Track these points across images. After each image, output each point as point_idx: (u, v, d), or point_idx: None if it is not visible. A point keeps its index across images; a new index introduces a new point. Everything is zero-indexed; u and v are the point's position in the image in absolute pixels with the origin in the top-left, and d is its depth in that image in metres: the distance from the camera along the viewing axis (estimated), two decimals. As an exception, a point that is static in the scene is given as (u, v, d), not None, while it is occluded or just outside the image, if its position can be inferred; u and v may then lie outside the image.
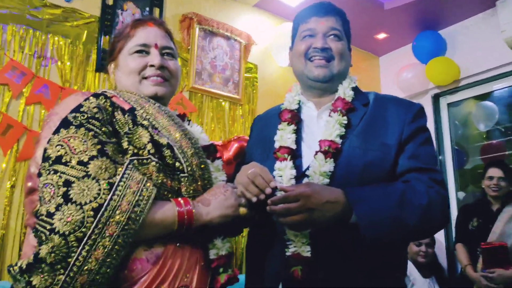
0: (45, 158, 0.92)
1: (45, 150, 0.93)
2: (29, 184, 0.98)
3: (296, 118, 1.31)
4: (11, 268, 0.86)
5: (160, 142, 1.02)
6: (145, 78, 1.16)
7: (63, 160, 0.90)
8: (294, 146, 1.23)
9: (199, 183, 1.07)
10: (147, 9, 2.89)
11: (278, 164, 1.20)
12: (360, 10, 3.53)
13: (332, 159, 1.16)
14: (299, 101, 1.37)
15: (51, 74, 2.48)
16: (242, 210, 1.07)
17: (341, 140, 1.19)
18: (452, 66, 3.67)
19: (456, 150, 4.09)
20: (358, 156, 1.17)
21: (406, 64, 3.95)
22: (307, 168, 1.18)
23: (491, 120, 4.26)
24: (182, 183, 1.03)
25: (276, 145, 1.25)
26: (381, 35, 4.02)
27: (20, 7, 2.42)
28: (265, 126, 1.39)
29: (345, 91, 1.30)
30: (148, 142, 1.00)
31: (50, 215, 0.85)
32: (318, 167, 1.15)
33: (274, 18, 3.65)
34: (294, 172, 1.17)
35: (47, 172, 0.90)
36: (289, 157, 1.20)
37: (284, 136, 1.25)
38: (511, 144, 4.01)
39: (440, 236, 3.66)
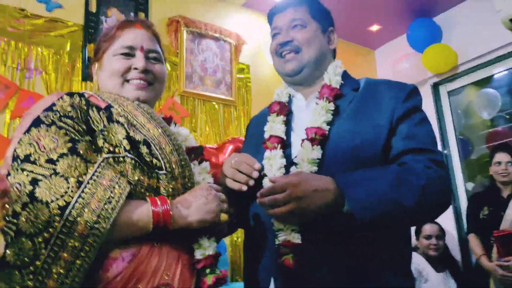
0: (14, 158, 0.89)
1: (15, 150, 0.90)
2: (2, 187, 0.91)
3: (285, 109, 1.28)
4: None
5: (136, 138, 0.99)
6: (127, 81, 1.12)
7: (32, 159, 0.87)
8: (283, 136, 1.19)
9: (178, 181, 1.02)
10: (132, 14, 2.84)
11: (267, 153, 1.16)
12: (351, 2, 3.46)
13: (319, 146, 1.10)
14: (289, 94, 1.34)
15: (35, 86, 2.42)
16: (223, 216, 1.01)
17: (328, 127, 1.14)
18: (449, 52, 3.59)
19: (460, 140, 3.98)
20: (347, 140, 1.12)
21: (402, 54, 3.87)
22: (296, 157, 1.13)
23: (494, 108, 4.15)
24: (161, 181, 0.99)
25: (266, 135, 1.21)
26: (374, 27, 3.95)
27: (0, 20, 2.37)
28: (258, 124, 1.35)
29: (330, 77, 1.25)
30: (124, 138, 0.97)
31: (15, 215, 0.81)
32: (305, 155, 1.09)
33: (263, 16, 3.56)
34: (283, 161, 1.13)
35: (15, 171, 0.86)
36: (278, 146, 1.16)
37: (273, 126, 1.22)
38: (517, 129, 3.90)
39: (451, 228, 3.55)
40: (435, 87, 3.92)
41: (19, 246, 0.78)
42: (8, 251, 0.78)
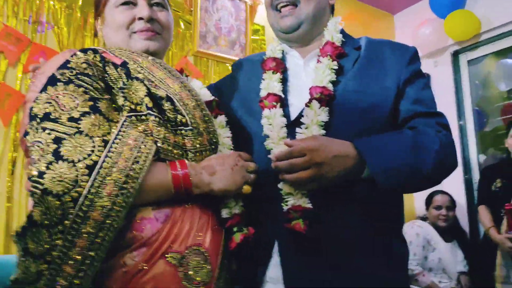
0: (32, 117, 0.85)
1: (31, 108, 0.86)
2: (24, 147, 0.92)
3: (281, 66, 1.22)
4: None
5: (158, 94, 0.95)
6: (135, 32, 1.07)
7: (52, 117, 0.84)
8: (282, 94, 1.14)
9: (204, 136, 0.99)
10: (146, -32, 2.73)
11: (267, 112, 1.11)
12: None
13: (327, 108, 1.06)
14: (282, 50, 1.27)
15: (47, 40, 2.36)
16: (246, 188, 1.00)
17: (333, 87, 1.10)
18: (472, 19, 3.44)
19: (476, 111, 3.90)
20: (354, 101, 1.09)
21: (423, 19, 3.73)
22: (300, 117, 1.09)
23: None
24: (186, 138, 0.96)
25: (263, 93, 1.16)
26: (396, -10, 3.80)
27: (11, -30, 2.29)
28: (246, 75, 1.29)
29: (332, 34, 1.20)
30: (145, 95, 0.93)
31: (40, 174, 0.78)
32: (314, 116, 1.05)
33: (281, -25, 3.44)
34: (284, 120, 1.08)
35: (35, 130, 0.84)
36: (278, 105, 1.11)
37: (270, 84, 1.16)
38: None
39: (460, 198, 3.53)
40: (455, 55, 3.80)
41: (46, 205, 0.77)
42: (35, 210, 0.77)
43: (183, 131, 0.95)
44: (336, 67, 1.13)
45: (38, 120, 0.84)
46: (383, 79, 1.12)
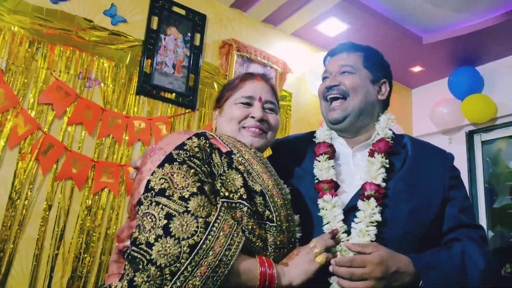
0: (148, 189, 0.95)
1: (149, 181, 0.96)
2: (133, 213, 1.00)
3: (333, 152, 1.29)
4: None
5: (254, 188, 1.03)
6: (244, 127, 1.21)
7: (166, 194, 0.93)
8: (337, 182, 1.22)
9: (285, 234, 1.05)
10: (189, 34, 2.92)
11: (327, 197, 1.17)
12: (398, 43, 3.51)
13: (379, 208, 1.13)
14: (331, 136, 1.36)
15: (94, 96, 2.51)
16: (320, 259, 1.02)
17: (384, 184, 1.17)
18: (489, 103, 3.60)
19: (487, 188, 3.98)
20: (404, 201, 1.16)
21: (440, 97, 3.90)
22: (352, 206, 1.16)
23: (522, 158, 4.16)
24: (269, 233, 1.02)
25: (320, 176, 1.23)
26: (417, 68, 3.99)
27: (68, 28, 2.47)
28: (293, 154, 1.36)
29: (384, 130, 1.29)
30: (241, 186, 1.01)
31: (149, 245, 0.87)
32: (369, 213, 1.12)
33: (310, 46, 3.65)
34: (341, 213, 1.15)
35: (149, 202, 0.93)
36: (335, 194, 1.18)
37: (323, 169, 1.24)
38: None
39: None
40: (470, 135, 3.94)
41: (147, 273, 0.84)
42: (137, 276, 0.85)
43: (267, 226, 1.02)
44: (387, 166, 1.21)
45: (153, 193, 0.94)
46: (430, 182, 1.20)
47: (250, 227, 0.98)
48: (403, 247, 1.10)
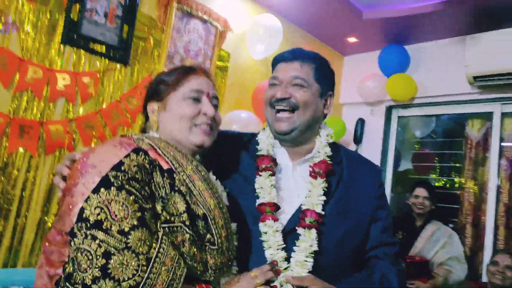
0: (82, 219, 0.87)
1: (83, 209, 0.88)
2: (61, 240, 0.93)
3: (274, 166, 1.29)
4: None
5: (197, 212, 1.01)
6: (196, 125, 1.15)
7: (104, 227, 0.86)
8: (278, 203, 1.23)
9: (225, 255, 1.07)
10: (126, -20, 2.61)
11: (269, 222, 1.20)
12: (339, 14, 3.52)
13: (316, 238, 1.18)
14: (274, 145, 1.35)
15: (10, 43, 2.18)
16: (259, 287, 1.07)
17: (324, 212, 1.22)
18: (411, 84, 3.83)
19: (395, 154, 4.36)
20: (337, 226, 1.24)
21: (369, 70, 4.05)
22: (293, 231, 1.20)
23: (427, 128, 4.61)
24: (210, 255, 1.02)
25: (261, 197, 1.24)
26: (352, 39, 4.06)
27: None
28: (236, 156, 1.36)
29: (324, 149, 1.31)
30: (184, 211, 0.98)
31: (86, 287, 0.82)
32: (308, 245, 1.18)
33: (253, 4, 3.49)
34: (281, 239, 1.19)
35: (84, 235, 0.86)
36: (275, 215, 1.21)
37: (266, 187, 1.25)
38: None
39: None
40: (389, 109, 4.22)
41: None
42: None
43: (207, 248, 1.01)
44: (326, 188, 1.25)
45: (89, 225, 0.86)
46: (360, 202, 1.28)
47: (192, 254, 0.97)
48: (336, 271, 1.20)
